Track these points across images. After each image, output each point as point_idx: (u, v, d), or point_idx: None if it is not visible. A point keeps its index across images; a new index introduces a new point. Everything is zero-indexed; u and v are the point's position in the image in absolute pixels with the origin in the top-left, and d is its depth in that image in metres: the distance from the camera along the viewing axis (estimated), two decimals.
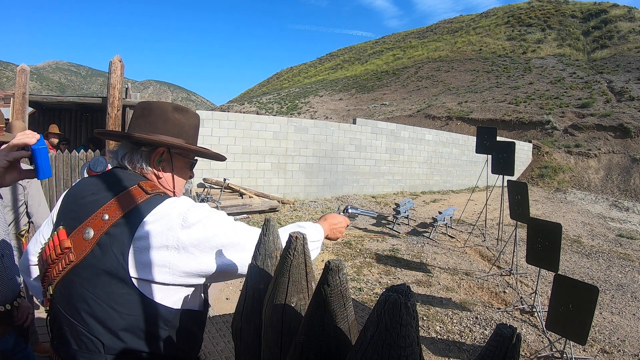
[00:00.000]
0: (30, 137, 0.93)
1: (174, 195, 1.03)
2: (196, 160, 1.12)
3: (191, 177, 1.14)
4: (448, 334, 3.70)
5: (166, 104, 1.04)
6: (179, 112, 1.03)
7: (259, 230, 0.94)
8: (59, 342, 0.90)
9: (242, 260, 0.92)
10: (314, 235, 1.15)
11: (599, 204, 12.18)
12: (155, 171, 1.00)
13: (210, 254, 0.88)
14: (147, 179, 0.98)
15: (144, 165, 0.98)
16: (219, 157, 1.19)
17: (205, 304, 1.02)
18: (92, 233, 0.85)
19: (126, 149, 0.99)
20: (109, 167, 3.37)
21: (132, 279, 0.82)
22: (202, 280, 0.92)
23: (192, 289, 0.92)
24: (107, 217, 0.86)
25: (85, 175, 3.51)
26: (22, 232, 2.53)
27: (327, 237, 1.28)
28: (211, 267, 0.89)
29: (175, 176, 1.04)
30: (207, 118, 8.45)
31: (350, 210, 1.47)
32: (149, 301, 0.85)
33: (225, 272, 0.91)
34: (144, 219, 0.84)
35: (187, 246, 0.85)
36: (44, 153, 0.95)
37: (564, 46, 34.38)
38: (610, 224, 9.63)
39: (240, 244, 0.93)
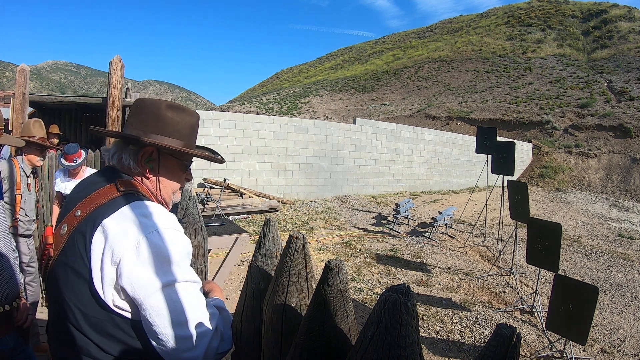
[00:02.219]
0: None
1: (158, 199, 0.97)
2: (191, 161, 1.04)
3: (187, 179, 1.05)
4: (448, 334, 3.70)
5: (160, 101, 0.97)
6: (172, 110, 0.97)
7: (208, 330, 0.81)
8: (50, 337, 0.91)
9: (159, 340, 0.77)
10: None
11: (599, 204, 12.18)
12: (142, 171, 0.95)
13: (141, 305, 0.76)
14: (130, 178, 0.92)
15: (132, 164, 0.94)
16: (217, 160, 1.09)
17: None
18: (66, 229, 0.84)
19: (116, 147, 0.96)
20: (81, 151, 3.40)
21: (93, 282, 0.77)
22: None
23: None
24: (79, 213, 0.84)
25: (63, 161, 3.50)
26: None
27: None
28: (135, 317, 0.78)
29: (161, 178, 0.97)
30: (207, 118, 8.45)
31: None
32: (110, 309, 0.78)
33: (142, 330, 0.79)
34: (105, 220, 0.79)
35: (125, 276, 0.76)
36: None
37: (564, 46, 34.38)
38: (610, 224, 9.63)
39: (181, 323, 0.78)
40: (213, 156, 1.08)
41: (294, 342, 0.68)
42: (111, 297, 0.78)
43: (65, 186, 3.40)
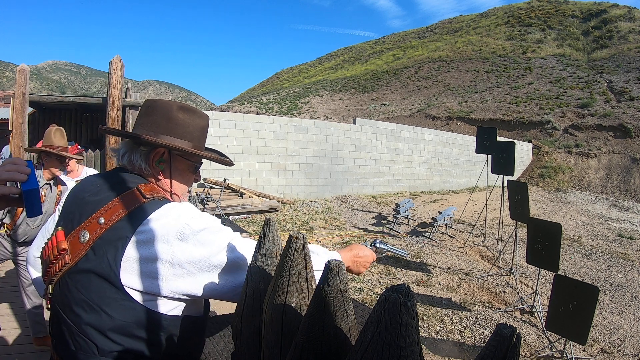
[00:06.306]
0: (21, 175, 0.84)
1: (173, 198, 0.98)
2: (201, 162, 1.06)
3: (196, 180, 1.07)
4: (448, 334, 3.70)
5: (171, 102, 0.99)
6: (183, 111, 0.98)
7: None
8: (57, 340, 0.89)
9: (233, 294, 0.87)
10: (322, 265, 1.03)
11: (599, 204, 12.18)
12: (154, 172, 0.96)
13: (209, 273, 0.84)
14: (147, 181, 0.94)
15: (143, 165, 0.94)
16: (225, 162, 1.11)
17: (207, 308, 0.99)
18: (87, 236, 0.83)
19: (126, 148, 0.96)
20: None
21: (125, 286, 0.80)
22: (198, 298, 0.88)
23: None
24: (102, 220, 0.83)
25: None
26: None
27: (347, 270, 1.13)
28: (208, 287, 0.84)
29: (173, 179, 0.98)
30: None
31: (378, 245, 1.32)
32: (143, 309, 0.82)
33: (224, 295, 0.87)
34: (139, 227, 0.81)
35: (183, 262, 0.81)
36: (34, 195, 0.83)
37: (564, 46, 34.39)
38: (610, 224, 9.63)
39: (245, 265, 0.87)
40: (222, 158, 1.09)
41: (294, 342, 0.68)
42: (147, 297, 0.82)
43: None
